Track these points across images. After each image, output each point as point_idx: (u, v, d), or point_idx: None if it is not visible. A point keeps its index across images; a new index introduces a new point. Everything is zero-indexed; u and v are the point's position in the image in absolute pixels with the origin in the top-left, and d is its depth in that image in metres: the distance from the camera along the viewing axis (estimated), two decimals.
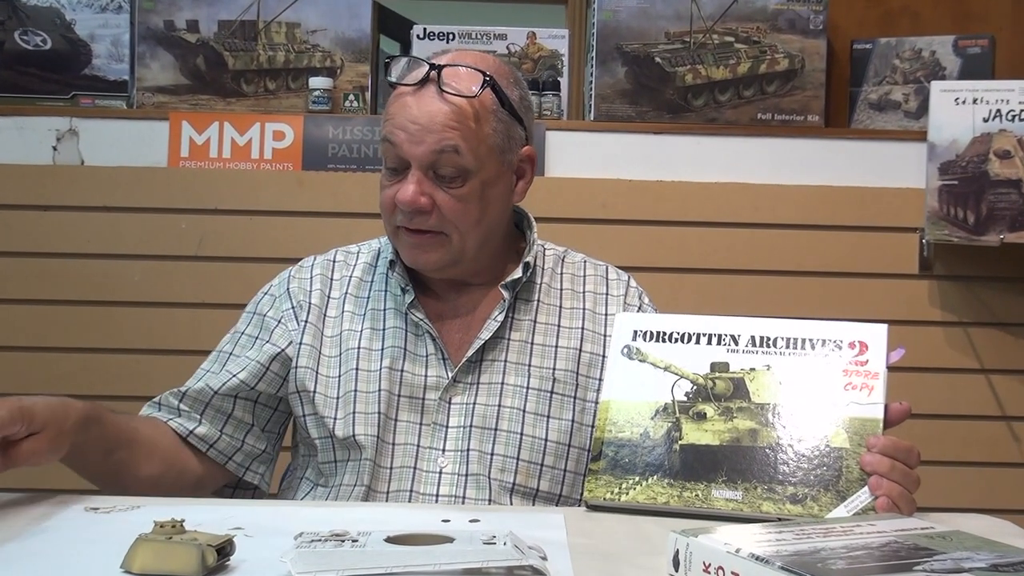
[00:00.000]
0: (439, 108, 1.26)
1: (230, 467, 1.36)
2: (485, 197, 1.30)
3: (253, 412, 1.37)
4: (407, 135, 1.26)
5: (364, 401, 1.31)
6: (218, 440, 1.34)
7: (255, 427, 1.38)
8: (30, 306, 2.32)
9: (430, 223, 1.28)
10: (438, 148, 1.25)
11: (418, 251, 1.31)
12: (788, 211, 2.36)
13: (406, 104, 1.27)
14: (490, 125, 1.29)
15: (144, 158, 2.35)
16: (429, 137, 1.25)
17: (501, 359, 1.34)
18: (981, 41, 2.41)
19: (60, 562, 0.90)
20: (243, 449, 1.36)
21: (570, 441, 1.32)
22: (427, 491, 1.28)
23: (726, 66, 2.39)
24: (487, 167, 1.29)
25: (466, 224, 1.29)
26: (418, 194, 1.26)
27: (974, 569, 0.78)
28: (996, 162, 2.26)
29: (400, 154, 1.27)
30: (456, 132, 1.25)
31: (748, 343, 1.19)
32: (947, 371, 2.36)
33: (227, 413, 1.36)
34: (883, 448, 1.08)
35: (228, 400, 1.35)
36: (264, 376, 1.36)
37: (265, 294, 1.43)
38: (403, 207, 1.26)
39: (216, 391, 1.34)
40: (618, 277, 1.45)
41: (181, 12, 2.40)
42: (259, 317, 1.41)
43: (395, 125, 1.27)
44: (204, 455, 1.34)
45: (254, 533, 0.98)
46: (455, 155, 1.26)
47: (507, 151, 1.32)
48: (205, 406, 1.35)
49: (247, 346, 1.39)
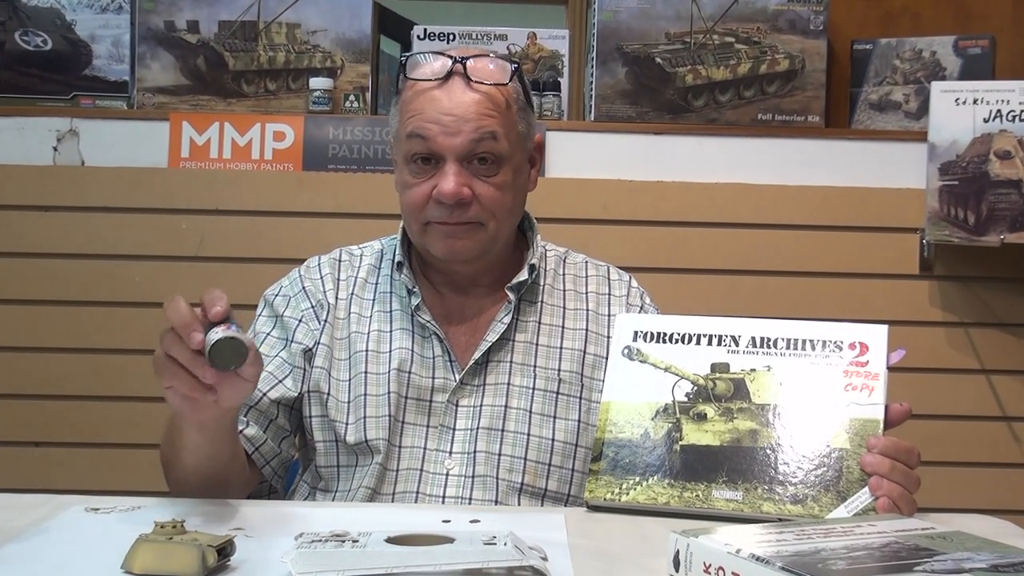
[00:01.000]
0: (472, 98, 1.27)
1: (266, 472, 1.33)
2: (516, 185, 1.32)
3: (289, 418, 1.35)
4: (441, 127, 1.26)
5: (375, 405, 1.31)
6: (263, 444, 1.31)
7: (291, 434, 1.36)
8: (30, 307, 2.32)
9: (468, 214, 1.28)
10: (476, 137, 1.26)
11: (453, 240, 1.30)
12: (788, 212, 2.36)
13: (434, 98, 1.27)
14: (516, 113, 1.31)
15: (144, 159, 2.34)
16: (466, 127, 1.25)
17: (507, 360, 1.34)
18: (981, 41, 2.41)
19: (60, 562, 0.90)
20: (280, 456, 1.34)
21: (577, 441, 1.32)
22: (433, 493, 1.28)
23: (726, 66, 2.39)
24: (516, 155, 1.31)
25: (502, 212, 1.30)
26: (461, 185, 1.26)
27: (975, 570, 0.78)
28: (996, 162, 2.26)
29: (433, 148, 1.27)
30: (493, 119, 1.27)
31: (749, 344, 1.19)
32: (947, 372, 2.36)
33: (271, 419, 1.33)
34: (883, 449, 1.08)
35: (274, 406, 1.33)
36: (303, 377, 1.34)
37: (277, 295, 1.41)
38: (446, 200, 1.26)
39: (265, 393, 1.31)
40: (619, 278, 1.45)
41: (181, 13, 2.40)
42: (278, 319, 1.38)
43: (425, 119, 1.27)
44: (248, 456, 1.30)
45: (254, 534, 0.98)
46: (493, 141, 1.26)
47: (527, 138, 1.34)
48: (250, 408, 1.31)
49: (278, 347, 1.36)
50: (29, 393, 2.30)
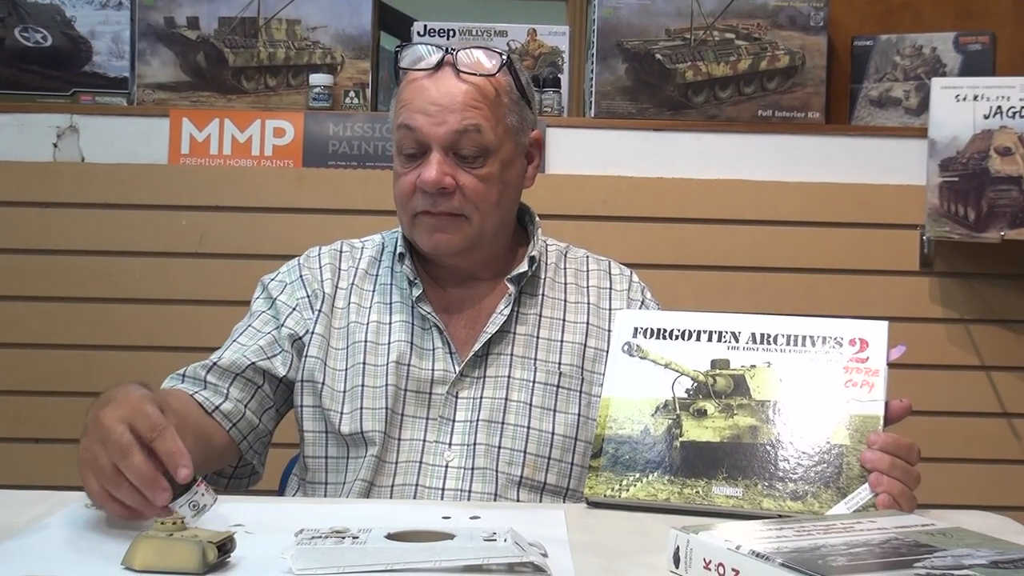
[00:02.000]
0: (459, 88, 1.27)
1: (242, 447, 1.34)
2: (503, 179, 1.31)
3: (275, 391, 1.36)
4: (427, 117, 1.26)
5: (371, 396, 1.31)
6: (240, 419, 1.31)
7: (273, 407, 1.37)
8: (31, 303, 2.32)
9: (452, 205, 1.28)
10: (460, 128, 1.26)
11: (438, 233, 1.30)
12: (789, 208, 2.36)
13: (423, 87, 1.28)
14: (507, 105, 1.31)
15: (144, 155, 2.34)
16: (451, 117, 1.26)
17: (507, 353, 1.34)
18: (982, 38, 2.41)
19: (61, 559, 0.90)
20: (257, 429, 1.34)
21: (577, 435, 1.32)
22: (433, 485, 1.28)
23: (727, 63, 2.39)
24: (505, 148, 1.31)
25: (487, 205, 1.30)
26: (442, 174, 1.26)
27: (974, 566, 0.78)
28: (997, 159, 2.26)
29: (420, 137, 1.27)
30: (477, 111, 1.27)
31: (749, 340, 1.19)
32: (948, 368, 2.36)
33: (258, 385, 1.33)
34: (884, 445, 1.08)
35: (260, 375, 1.33)
36: (291, 363, 1.35)
37: (273, 280, 1.42)
38: (427, 188, 1.26)
39: (253, 363, 1.33)
40: (621, 272, 1.46)
41: (181, 9, 2.40)
42: (273, 301, 1.39)
43: (413, 109, 1.27)
44: (225, 432, 1.31)
45: (255, 530, 0.98)
46: (477, 135, 1.27)
47: (521, 132, 1.34)
48: (235, 377, 1.32)
49: (270, 326, 1.37)
50: (29, 389, 2.30)
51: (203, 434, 1.25)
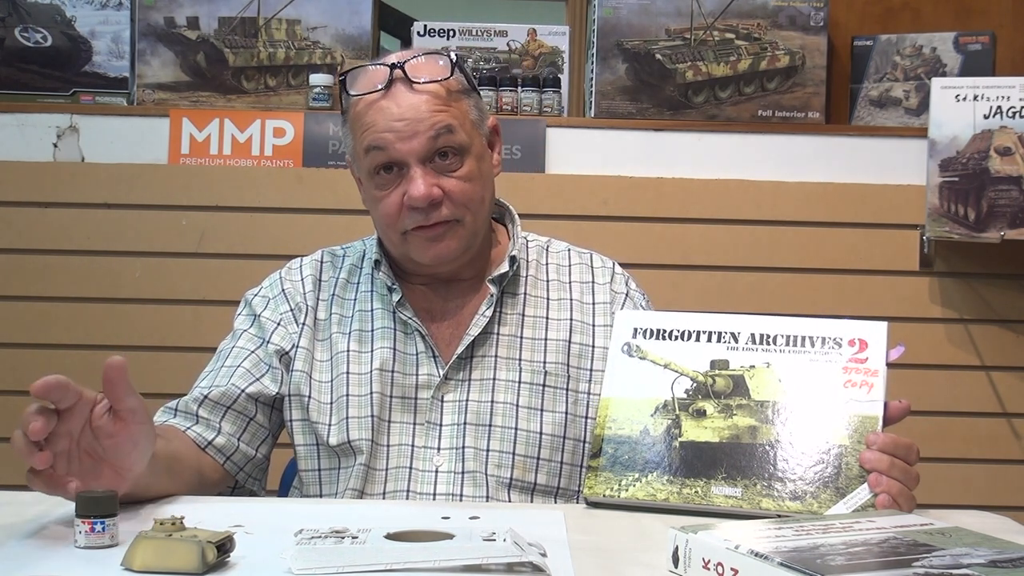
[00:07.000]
0: (418, 99, 1.27)
1: (240, 478, 1.33)
2: (482, 173, 1.32)
3: (270, 417, 1.35)
4: (396, 134, 1.26)
5: (356, 405, 1.31)
6: (234, 452, 1.31)
7: (270, 435, 1.36)
8: (31, 303, 2.32)
9: (443, 213, 1.28)
10: (433, 134, 1.26)
11: (436, 244, 1.30)
12: (789, 208, 2.36)
13: (382, 107, 1.27)
14: (465, 101, 1.31)
15: (144, 155, 2.35)
16: (420, 127, 1.25)
17: (491, 354, 1.33)
18: (982, 38, 2.41)
19: (60, 560, 0.90)
20: (254, 460, 1.34)
21: (565, 433, 1.32)
22: (424, 490, 1.28)
23: (727, 63, 2.39)
24: (475, 142, 1.31)
25: (475, 203, 1.30)
26: (430, 186, 1.26)
27: (973, 565, 0.78)
28: (997, 159, 2.26)
29: (393, 155, 1.26)
30: (444, 113, 1.27)
31: (748, 340, 1.19)
32: (947, 368, 2.36)
33: (250, 417, 1.32)
34: (883, 445, 1.08)
35: (252, 403, 1.32)
36: (281, 378, 1.34)
37: (256, 295, 1.41)
38: (418, 204, 1.26)
39: (243, 391, 1.31)
40: (603, 264, 1.44)
41: (181, 9, 2.40)
42: (256, 318, 1.38)
43: (379, 130, 1.27)
44: (220, 465, 1.30)
45: (254, 530, 0.98)
46: (450, 135, 1.26)
47: (481, 124, 1.34)
48: (226, 410, 1.31)
49: (254, 343, 1.36)
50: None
51: (198, 469, 1.26)
